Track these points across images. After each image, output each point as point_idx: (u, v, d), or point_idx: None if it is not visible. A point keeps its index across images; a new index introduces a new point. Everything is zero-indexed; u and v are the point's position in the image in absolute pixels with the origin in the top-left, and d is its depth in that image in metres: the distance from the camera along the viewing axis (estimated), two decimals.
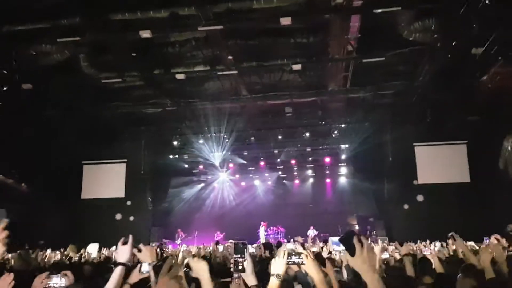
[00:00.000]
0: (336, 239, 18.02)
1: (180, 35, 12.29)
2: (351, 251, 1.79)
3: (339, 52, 12.33)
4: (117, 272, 2.65)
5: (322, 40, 12.26)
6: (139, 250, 2.99)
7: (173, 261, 1.70)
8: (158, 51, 13.14)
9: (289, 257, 2.48)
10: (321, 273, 2.46)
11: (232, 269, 2.54)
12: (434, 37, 11.30)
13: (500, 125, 15.02)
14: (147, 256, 3.05)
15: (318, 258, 4.06)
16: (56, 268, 6.36)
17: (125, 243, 2.78)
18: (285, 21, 10.47)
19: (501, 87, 12.94)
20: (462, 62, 12.55)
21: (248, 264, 2.46)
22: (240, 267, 2.49)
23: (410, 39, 11.49)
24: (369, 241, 1.83)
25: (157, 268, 1.68)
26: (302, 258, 2.47)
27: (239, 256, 2.52)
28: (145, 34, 10.92)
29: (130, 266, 2.80)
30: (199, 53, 13.15)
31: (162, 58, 13.32)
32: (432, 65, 13.08)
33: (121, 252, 2.75)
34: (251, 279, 2.44)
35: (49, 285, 2.61)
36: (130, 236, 2.80)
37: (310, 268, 2.46)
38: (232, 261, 2.50)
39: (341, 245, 2.41)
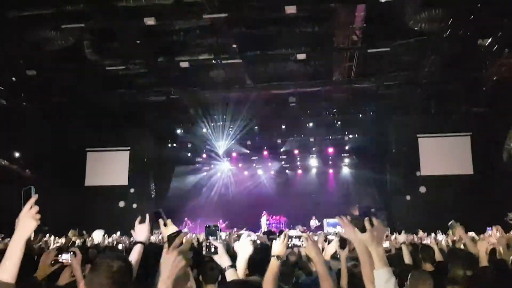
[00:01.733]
0: (331, 220, 18.06)
1: (185, 22, 12.25)
2: (362, 229, 1.97)
3: (344, 41, 12.27)
4: (136, 250, 2.67)
5: (327, 30, 12.20)
6: (165, 225, 2.92)
7: (186, 237, 1.70)
8: (162, 39, 13.12)
9: (290, 240, 2.52)
10: (321, 255, 2.49)
11: (204, 252, 2.56)
12: (440, 27, 11.21)
13: (505, 117, 14.92)
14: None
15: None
16: (60, 251, 6.40)
17: (142, 222, 2.75)
18: (290, 9, 10.43)
19: (507, 78, 12.88)
20: (468, 53, 12.47)
21: (220, 246, 2.49)
22: (213, 249, 2.54)
23: (416, 29, 11.41)
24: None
25: (171, 239, 1.70)
26: (302, 241, 2.50)
27: (213, 239, 2.56)
28: (150, 21, 10.89)
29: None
30: (203, 41, 13.12)
31: (166, 45, 13.29)
32: (437, 56, 12.99)
33: (139, 231, 2.73)
34: (224, 260, 2.46)
35: (60, 260, 2.65)
36: (147, 215, 2.75)
37: (310, 250, 2.49)
38: (204, 244, 2.53)
39: (337, 226, 2.52)
